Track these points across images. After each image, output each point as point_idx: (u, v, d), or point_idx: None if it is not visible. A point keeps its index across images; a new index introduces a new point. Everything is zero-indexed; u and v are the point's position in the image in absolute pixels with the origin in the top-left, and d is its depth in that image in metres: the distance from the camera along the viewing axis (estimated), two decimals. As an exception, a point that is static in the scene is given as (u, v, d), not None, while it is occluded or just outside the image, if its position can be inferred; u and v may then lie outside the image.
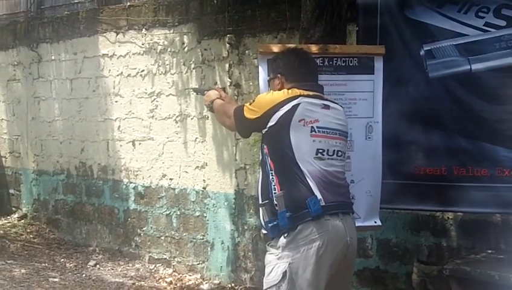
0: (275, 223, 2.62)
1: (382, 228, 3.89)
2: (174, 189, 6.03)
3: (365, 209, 3.53)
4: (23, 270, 5.83)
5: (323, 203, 2.57)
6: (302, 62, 2.94)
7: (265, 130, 2.70)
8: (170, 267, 6.01)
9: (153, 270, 6.01)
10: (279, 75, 2.93)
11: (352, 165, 3.48)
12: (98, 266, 6.21)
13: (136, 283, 5.64)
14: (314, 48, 3.53)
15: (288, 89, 2.79)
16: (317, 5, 3.78)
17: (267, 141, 2.72)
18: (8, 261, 6.07)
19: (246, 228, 5.40)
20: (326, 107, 2.78)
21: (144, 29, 6.28)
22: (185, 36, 5.92)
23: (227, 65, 5.53)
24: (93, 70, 6.88)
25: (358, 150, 3.52)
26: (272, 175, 2.65)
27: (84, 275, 5.88)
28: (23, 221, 7.88)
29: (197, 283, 5.60)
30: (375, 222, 3.57)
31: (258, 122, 2.72)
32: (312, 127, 2.67)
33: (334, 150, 2.73)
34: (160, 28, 6.12)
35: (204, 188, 5.75)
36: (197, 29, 5.81)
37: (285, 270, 2.53)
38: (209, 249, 5.71)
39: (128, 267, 6.15)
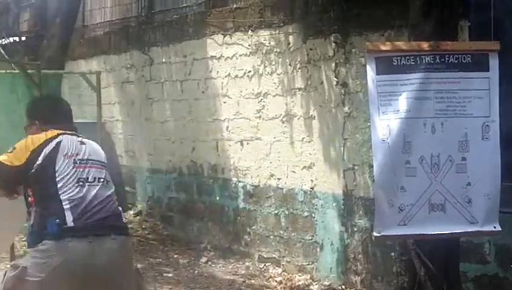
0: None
1: (501, 233, 3.69)
2: (282, 189, 6.07)
3: (483, 213, 3.37)
4: (139, 265, 6.09)
5: (71, 225, 2.71)
6: (56, 108, 3.23)
7: (32, 170, 2.82)
8: (280, 266, 6.05)
9: (262, 269, 6.08)
10: (36, 122, 3.10)
11: (468, 166, 3.35)
12: (209, 263, 6.38)
13: (247, 281, 5.73)
14: (425, 46, 3.41)
15: (47, 131, 2.96)
16: (427, 0, 3.65)
17: (31, 181, 2.84)
18: (125, 257, 6.37)
19: (355, 229, 5.33)
20: (83, 143, 3.01)
21: (250, 31, 6.35)
22: (290, 36, 5.92)
23: (333, 64, 5.47)
24: (202, 72, 7.05)
25: (474, 151, 3.38)
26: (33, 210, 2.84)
27: (196, 272, 6.06)
28: (138, 217, 8.24)
29: (306, 283, 5.59)
30: (495, 227, 3.39)
31: (24, 165, 2.81)
32: (74, 159, 2.89)
33: (94, 177, 2.90)
34: (266, 28, 6.16)
35: (312, 188, 5.73)
36: (302, 29, 5.78)
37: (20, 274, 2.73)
38: (318, 250, 5.68)
39: (238, 265, 6.27)
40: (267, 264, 6.17)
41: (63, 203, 2.74)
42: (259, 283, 5.70)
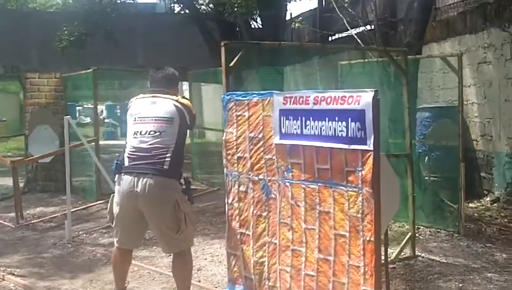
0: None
1: None
2: None
3: None
4: (504, 255, 5.77)
5: (125, 165, 4.01)
6: (152, 76, 4.33)
7: None
8: None
9: None
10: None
11: None
12: None
13: None
14: None
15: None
16: None
17: None
18: (487, 245, 6.10)
19: None
20: (154, 102, 4.08)
21: None
22: None
23: None
24: None
25: None
26: None
27: None
28: (496, 205, 7.82)
29: None
30: None
31: None
32: (135, 117, 4.07)
33: (146, 131, 3.98)
34: None
35: None
36: None
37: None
38: None
39: None
40: None
41: (126, 150, 4.04)
42: None
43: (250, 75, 11.03)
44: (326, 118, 3.28)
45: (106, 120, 29.13)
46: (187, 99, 4.26)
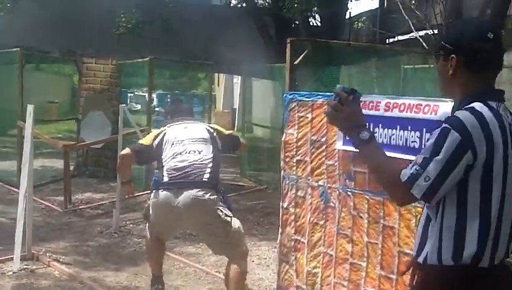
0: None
1: None
2: None
3: None
4: None
5: (166, 180, 4.17)
6: (175, 107, 5.00)
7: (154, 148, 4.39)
8: None
9: None
10: (168, 116, 4.95)
11: None
12: None
13: None
14: None
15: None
16: None
17: (158, 155, 4.38)
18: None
19: None
20: (186, 127, 4.43)
21: None
22: None
23: None
24: None
25: None
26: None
27: None
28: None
29: None
30: None
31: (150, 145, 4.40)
32: (173, 141, 4.30)
33: (185, 151, 4.24)
34: None
35: None
36: None
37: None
38: None
39: None
40: None
41: (163, 169, 4.20)
42: None
43: (314, 74, 10.80)
44: (398, 127, 3.07)
45: (156, 108, 29.39)
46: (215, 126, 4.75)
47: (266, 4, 14.97)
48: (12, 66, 10.25)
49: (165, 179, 4.15)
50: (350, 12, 14.35)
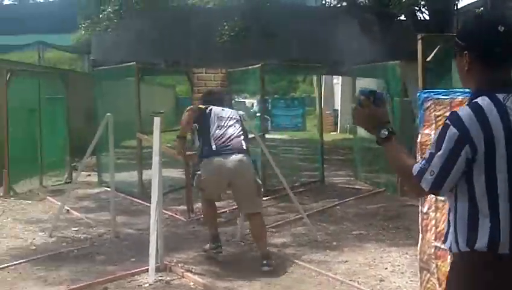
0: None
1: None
2: None
3: None
4: None
5: (214, 149, 5.32)
6: (213, 94, 6.27)
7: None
8: None
9: None
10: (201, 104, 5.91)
11: None
12: None
13: None
14: None
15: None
16: None
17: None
18: None
19: None
20: (223, 110, 5.65)
21: None
22: None
23: None
24: None
25: None
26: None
27: None
28: None
29: None
30: None
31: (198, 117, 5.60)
32: (217, 116, 5.49)
33: (227, 124, 5.46)
34: None
35: None
36: None
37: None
38: None
39: None
40: None
41: (211, 138, 5.32)
42: None
43: (447, 71, 10.41)
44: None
45: (258, 114, 29.61)
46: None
47: (367, 1, 14.67)
48: (123, 80, 10.60)
49: (213, 147, 5.30)
50: (457, 5, 13.78)
